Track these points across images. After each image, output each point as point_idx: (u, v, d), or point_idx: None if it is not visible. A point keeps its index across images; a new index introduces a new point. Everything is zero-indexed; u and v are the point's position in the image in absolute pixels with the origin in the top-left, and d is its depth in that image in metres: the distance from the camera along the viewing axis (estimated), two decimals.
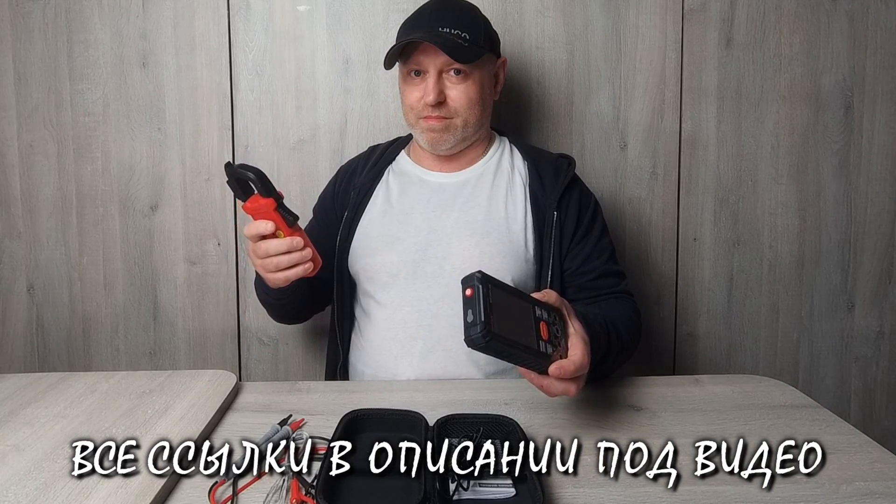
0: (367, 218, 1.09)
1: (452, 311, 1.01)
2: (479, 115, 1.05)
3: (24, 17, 1.38)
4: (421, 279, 1.03)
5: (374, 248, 1.06)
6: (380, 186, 1.11)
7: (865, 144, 1.43)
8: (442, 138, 1.04)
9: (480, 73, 1.04)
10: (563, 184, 1.07)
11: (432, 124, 1.03)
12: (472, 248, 1.02)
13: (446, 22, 1.00)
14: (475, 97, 1.03)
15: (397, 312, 1.04)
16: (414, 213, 1.06)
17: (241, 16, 1.38)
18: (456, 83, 1.02)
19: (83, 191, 1.41)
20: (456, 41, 0.99)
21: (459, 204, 1.06)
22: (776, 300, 1.46)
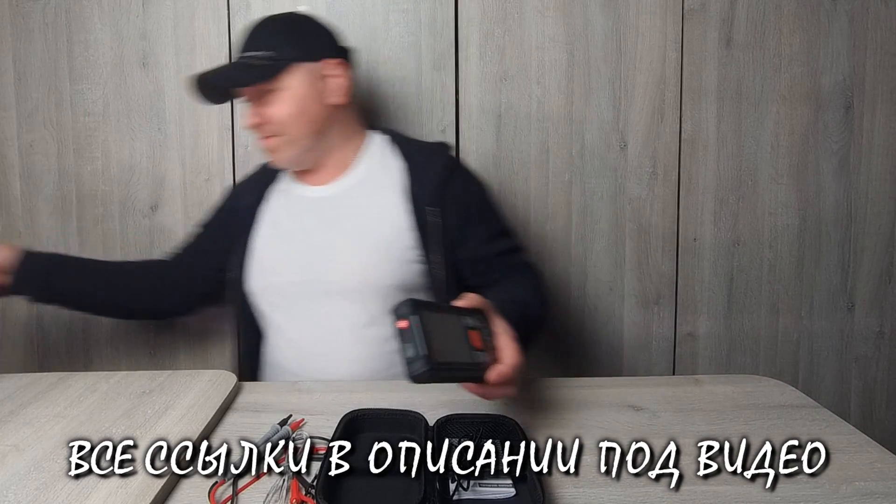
0: (257, 240, 1.09)
1: (341, 324, 1.02)
2: (307, 126, 1.02)
3: (24, 17, 1.38)
4: (312, 296, 1.03)
5: (266, 269, 1.06)
6: (268, 206, 1.11)
7: (865, 144, 1.43)
8: (278, 157, 1.05)
9: (295, 83, 1.00)
10: (440, 175, 1.04)
11: (265, 145, 1.05)
12: (350, 262, 1.02)
13: (249, 46, 1.02)
14: (294, 109, 1.01)
15: (294, 332, 1.05)
16: (299, 230, 1.06)
17: (241, 16, 1.37)
18: (272, 101, 1.00)
19: (83, 191, 1.41)
20: (249, 64, 1.00)
21: (337, 216, 1.05)
22: (776, 300, 1.46)
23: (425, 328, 0.60)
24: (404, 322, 0.60)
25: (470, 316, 0.70)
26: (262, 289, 1.07)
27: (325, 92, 1.03)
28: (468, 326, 0.68)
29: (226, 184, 1.40)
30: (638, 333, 1.46)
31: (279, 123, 1.01)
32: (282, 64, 1.00)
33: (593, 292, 1.45)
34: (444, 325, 0.64)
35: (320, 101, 1.03)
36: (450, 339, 0.64)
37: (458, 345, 0.65)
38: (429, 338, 0.59)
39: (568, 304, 1.44)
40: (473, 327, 0.69)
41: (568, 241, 1.43)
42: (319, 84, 1.02)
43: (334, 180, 1.08)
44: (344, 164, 1.08)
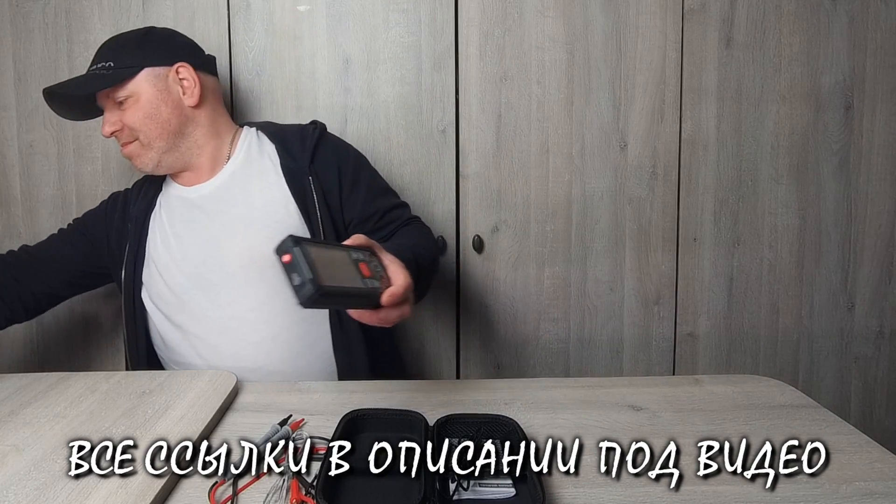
0: (150, 247, 1.10)
1: (245, 307, 1.04)
2: (161, 128, 1.05)
3: (24, 17, 1.38)
4: (209, 292, 1.05)
5: (161, 273, 1.07)
6: (154, 214, 1.12)
7: (865, 144, 1.43)
8: (138, 162, 1.07)
9: (143, 89, 1.04)
10: (310, 147, 1.09)
11: (124, 151, 1.07)
12: (246, 244, 1.04)
13: (97, 59, 1.05)
14: (143, 114, 1.04)
15: (198, 327, 1.05)
16: (185, 233, 1.08)
17: (241, 16, 1.37)
18: (125, 108, 1.04)
19: (83, 191, 1.41)
20: (95, 74, 1.03)
21: (221, 208, 1.07)
22: (776, 300, 1.46)
23: (309, 258, 0.61)
24: (287, 256, 0.62)
25: (357, 251, 0.72)
26: (158, 293, 1.08)
27: (176, 95, 1.07)
28: (357, 259, 0.70)
29: None
30: (638, 333, 1.46)
31: (132, 128, 1.04)
32: (127, 72, 1.03)
33: (593, 292, 1.45)
34: (329, 257, 0.66)
35: (172, 104, 1.06)
36: (337, 268, 0.66)
37: (346, 274, 0.67)
38: (313, 266, 0.61)
39: (568, 304, 1.45)
40: (361, 260, 0.71)
41: (568, 241, 1.43)
42: (173, 88, 1.06)
43: (212, 177, 1.10)
44: (218, 161, 1.11)
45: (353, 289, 0.66)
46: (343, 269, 0.67)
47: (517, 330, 1.45)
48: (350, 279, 0.67)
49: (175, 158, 1.08)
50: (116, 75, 1.03)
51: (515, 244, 1.43)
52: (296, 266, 0.61)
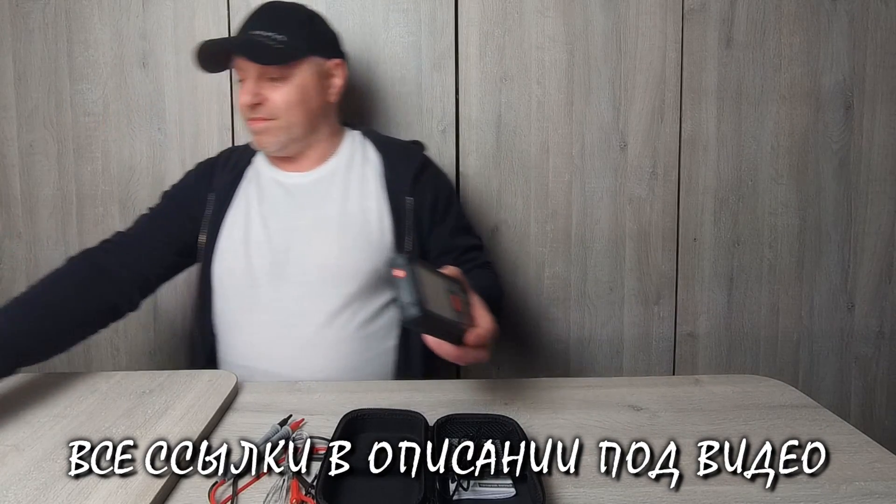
0: (228, 221, 1.08)
1: (318, 308, 1.03)
2: (304, 117, 1.04)
3: (24, 17, 1.38)
4: (284, 280, 1.04)
5: (237, 252, 1.06)
6: (239, 190, 1.10)
7: (865, 144, 1.43)
8: (265, 140, 1.05)
9: (302, 75, 1.03)
10: (415, 168, 1.09)
11: (255, 127, 1.04)
12: (330, 245, 1.03)
13: (261, 25, 1.01)
14: (295, 99, 1.02)
15: (264, 316, 1.04)
16: (272, 214, 1.07)
17: (241, 16, 1.37)
18: (274, 86, 1.01)
19: (83, 191, 1.41)
20: (265, 44, 1.00)
21: (315, 202, 1.07)
22: (776, 300, 1.46)
23: (418, 279, 0.64)
24: (401, 272, 0.64)
25: (452, 283, 0.74)
26: (230, 271, 1.06)
27: (326, 89, 1.07)
28: (450, 290, 0.72)
29: None
30: (638, 333, 1.46)
31: (278, 109, 1.02)
32: (298, 54, 1.02)
33: (593, 292, 1.45)
34: (432, 283, 0.69)
35: (321, 96, 1.06)
36: (437, 295, 0.68)
37: (443, 303, 0.69)
38: (421, 288, 0.64)
39: (568, 304, 1.45)
40: (454, 292, 0.73)
41: (568, 241, 1.43)
42: (325, 81, 1.07)
43: (312, 169, 1.10)
44: (323, 156, 1.10)
45: (447, 319, 0.68)
46: (440, 297, 0.69)
47: (517, 330, 1.45)
48: (445, 309, 0.68)
49: (299, 147, 1.07)
50: (287, 54, 1.00)
51: (515, 244, 1.43)
52: (406, 284, 0.63)
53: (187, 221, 1.10)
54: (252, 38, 1.00)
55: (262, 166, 1.12)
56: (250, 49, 1.00)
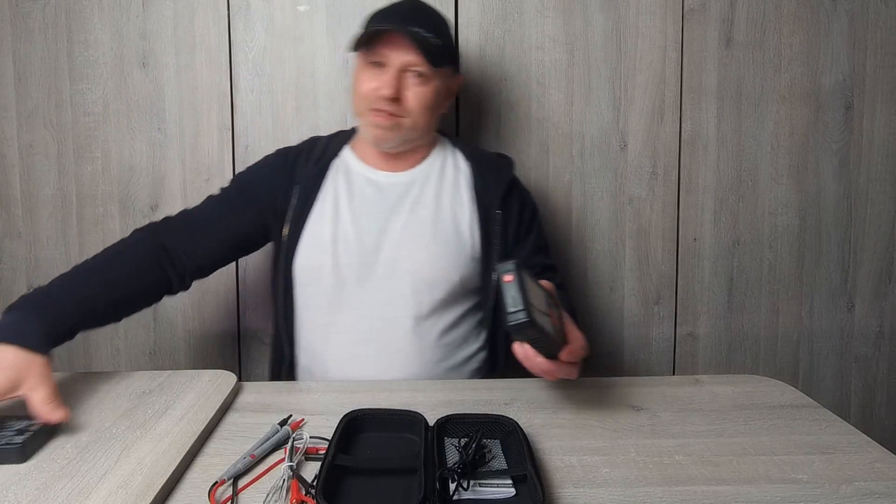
0: (314, 216, 1.06)
1: (403, 312, 1.02)
2: (429, 120, 1.05)
3: (24, 17, 1.38)
4: (371, 281, 1.03)
5: (323, 248, 1.04)
6: (326, 184, 1.08)
7: (865, 144, 1.43)
8: (387, 136, 1.03)
9: (438, 81, 1.04)
10: (505, 183, 1.09)
11: (381, 121, 1.01)
12: (421, 250, 1.03)
13: (420, 24, 1.00)
14: (429, 102, 1.03)
15: (347, 315, 1.03)
16: (363, 213, 1.05)
17: (241, 16, 1.38)
18: (415, 84, 1.01)
19: (83, 191, 1.41)
20: (430, 41, 0.99)
21: (408, 205, 1.06)
22: (776, 300, 1.46)
23: (525, 287, 0.67)
24: (510, 277, 0.67)
25: (549, 296, 0.75)
26: (314, 267, 1.04)
27: (445, 100, 1.09)
28: (549, 304, 0.74)
29: (226, 184, 1.40)
30: (638, 333, 1.46)
31: (413, 108, 1.02)
32: (446, 60, 1.04)
33: (593, 292, 1.45)
34: (536, 294, 0.70)
35: (442, 107, 1.09)
36: (539, 306, 0.70)
37: (543, 314, 0.70)
38: (527, 296, 0.66)
39: None
40: (552, 306, 0.74)
41: (568, 241, 1.43)
42: (449, 93, 1.10)
43: (406, 170, 1.09)
44: (417, 159, 1.10)
45: (547, 331, 0.69)
46: (542, 309, 0.71)
47: None
48: (545, 321, 0.70)
49: (409, 148, 1.08)
50: (443, 57, 1.02)
51: None
52: (513, 290, 0.66)
53: (256, 213, 1.08)
54: (418, 32, 0.99)
55: (351, 161, 1.11)
56: (421, 42, 0.98)
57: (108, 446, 0.70)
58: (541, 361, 0.73)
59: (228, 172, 1.40)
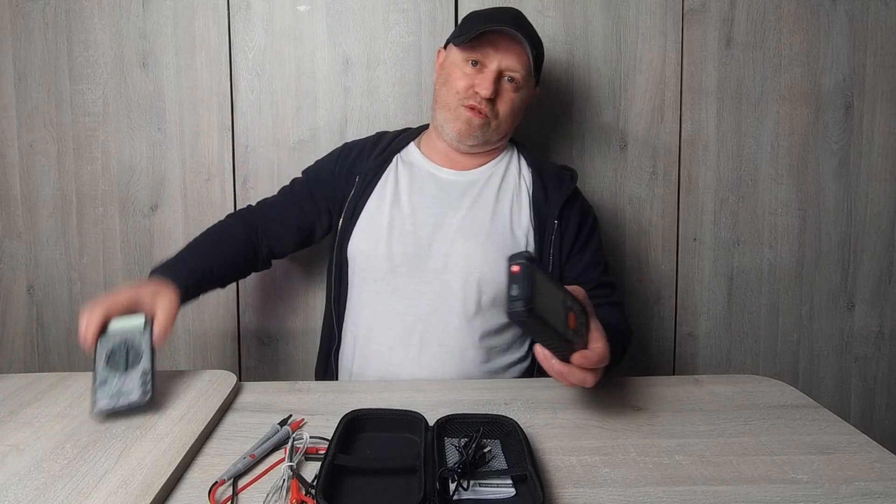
0: (372, 204, 1.09)
1: (451, 308, 1.03)
2: (511, 125, 1.08)
3: (24, 17, 1.38)
4: (423, 273, 1.04)
5: (379, 236, 1.06)
6: (387, 174, 1.11)
7: (865, 144, 1.43)
8: (474, 133, 1.05)
9: (526, 90, 1.07)
10: (566, 194, 1.09)
11: (474, 117, 1.03)
12: (475, 249, 1.03)
13: (525, 32, 1.03)
14: (517, 109, 1.07)
15: (396, 304, 1.04)
16: (422, 206, 1.07)
17: (241, 16, 1.37)
18: (508, 89, 1.04)
19: (83, 191, 1.41)
20: (531, 50, 1.02)
21: (467, 203, 1.07)
22: (776, 300, 1.46)
23: (533, 279, 0.65)
24: (517, 267, 0.66)
25: (572, 301, 0.74)
26: (368, 253, 1.06)
27: (525, 109, 1.11)
28: (569, 307, 0.72)
29: (226, 184, 1.40)
30: (638, 333, 1.46)
31: (504, 111, 1.05)
32: (536, 72, 1.07)
33: None
34: (549, 290, 0.69)
35: (522, 114, 1.11)
36: (551, 303, 0.69)
37: (556, 312, 0.69)
38: (534, 288, 0.65)
39: None
40: (572, 310, 0.73)
41: None
42: (528, 103, 1.11)
43: (469, 170, 1.11)
44: (486, 159, 1.12)
45: (554, 327, 0.68)
46: (554, 307, 0.70)
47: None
48: (557, 319, 0.69)
49: (484, 148, 1.10)
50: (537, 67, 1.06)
51: None
52: (519, 280, 0.65)
53: (318, 201, 1.15)
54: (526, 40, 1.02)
55: (416, 156, 1.13)
56: (532, 47, 1.02)
57: (108, 446, 0.70)
58: (555, 363, 0.73)
59: (228, 172, 1.40)
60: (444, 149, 1.11)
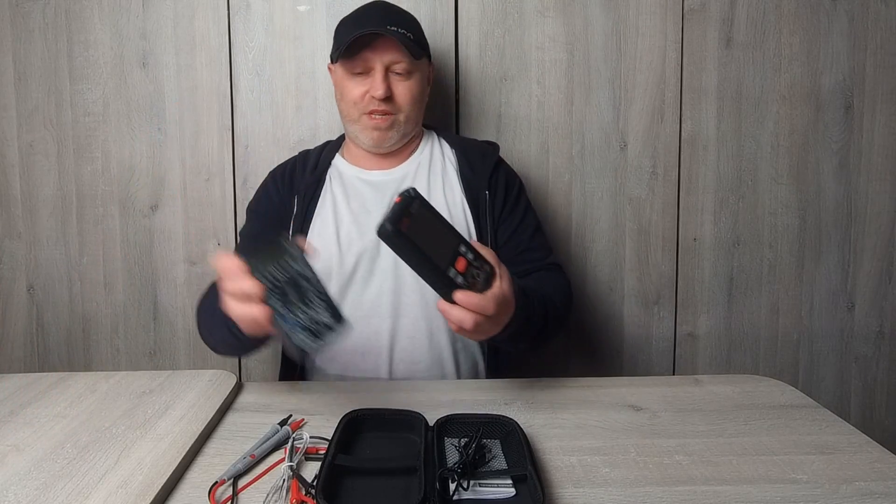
0: (317, 223, 1.09)
1: (410, 300, 1.05)
2: (419, 112, 1.10)
3: (24, 17, 1.38)
4: (378, 275, 1.05)
5: (330, 251, 1.06)
6: (325, 192, 1.11)
7: (865, 144, 1.43)
8: (386, 136, 1.06)
9: (420, 73, 1.07)
10: (490, 165, 1.11)
11: (378, 122, 1.05)
12: None
13: (393, 21, 1.03)
14: (417, 94, 1.07)
15: (358, 311, 1.05)
16: (362, 212, 1.08)
17: (241, 16, 1.37)
18: (401, 80, 1.04)
19: (83, 191, 1.41)
20: (407, 37, 1.02)
21: None
22: (776, 300, 1.46)
23: (414, 213, 0.67)
24: (399, 198, 0.67)
25: (469, 251, 0.72)
26: (324, 268, 1.06)
27: (426, 89, 1.12)
28: (461, 253, 0.71)
29: (226, 184, 1.40)
30: (638, 333, 1.46)
31: (404, 103, 1.05)
32: (424, 52, 1.07)
33: (593, 292, 1.45)
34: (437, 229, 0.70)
35: (425, 96, 1.12)
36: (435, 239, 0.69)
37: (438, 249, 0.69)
38: (411, 218, 0.66)
39: None
40: (465, 256, 0.72)
41: (568, 241, 1.43)
42: (427, 82, 1.12)
43: (396, 167, 1.12)
44: (409, 151, 1.13)
45: (430, 258, 0.68)
46: (439, 244, 0.70)
47: None
48: (436, 254, 0.69)
49: (402, 143, 1.11)
50: (420, 50, 1.05)
51: None
52: (397, 208, 0.66)
53: (276, 227, 1.11)
54: (394, 31, 1.01)
55: (343, 167, 1.14)
56: (401, 39, 1.01)
57: (108, 446, 0.70)
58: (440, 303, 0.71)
59: (228, 172, 1.40)
60: (366, 154, 1.12)
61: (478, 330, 0.73)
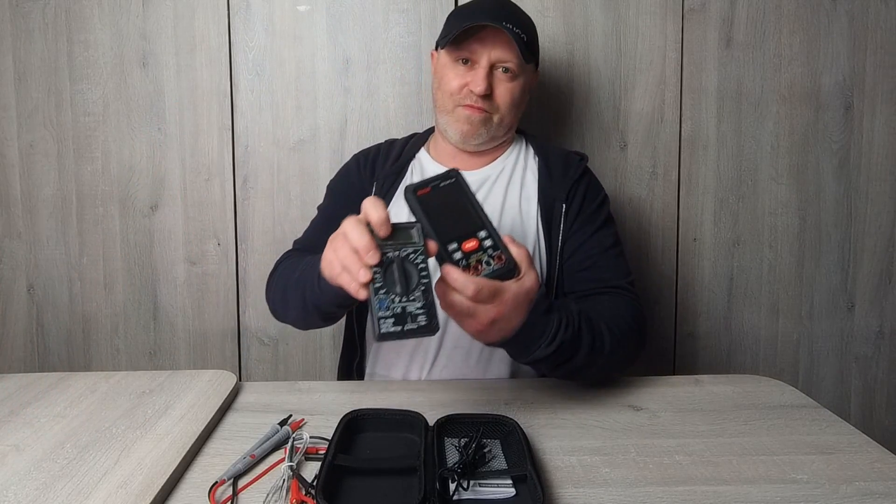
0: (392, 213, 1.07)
1: None
2: (515, 116, 1.06)
3: (24, 17, 1.38)
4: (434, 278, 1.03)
5: None
6: (403, 183, 1.10)
7: (865, 144, 1.43)
8: (477, 131, 1.03)
9: (525, 77, 1.04)
10: (573, 177, 1.07)
11: (472, 115, 1.01)
12: None
13: (510, 20, 0.99)
14: (517, 98, 1.03)
15: None
16: None
17: (241, 16, 1.37)
18: (504, 80, 1.01)
19: (83, 191, 1.41)
20: (520, 37, 0.99)
21: (483, 199, 1.06)
22: (776, 300, 1.46)
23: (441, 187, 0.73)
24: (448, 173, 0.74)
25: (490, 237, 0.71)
26: None
27: (527, 96, 1.08)
28: (477, 236, 0.71)
29: (226, 184, 1.40)
30: None
31: (503, 104, 1.02)
32: (531, 56, 1.03)
33: None
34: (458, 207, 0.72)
35: (525, 102, 1.08)
36: (450, 215, 0.71)
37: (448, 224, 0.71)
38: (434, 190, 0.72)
39: None
40: (482, 243, 0.71)
41: None
42: (529, 88, 1.09)
43: (479, 168, 1.09)
44: (492, 157, 1.10)
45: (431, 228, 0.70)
46: (454, 222, 0.71)
47: None
48: (443, 228, 0.70)
49: (491, 145, 1.08)
50: (531, 52, 1.02)
51: None
52: (428, 179, 0.73)
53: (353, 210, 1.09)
54: (512, 28, 0.97)
55: (426, 161, 1.12)
56: (516, 38, 0.97)
57: (108, 446, 0.70)
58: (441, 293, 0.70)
59: (228, 172, 1.40)
60: (453, 151, 1.10)
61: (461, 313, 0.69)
